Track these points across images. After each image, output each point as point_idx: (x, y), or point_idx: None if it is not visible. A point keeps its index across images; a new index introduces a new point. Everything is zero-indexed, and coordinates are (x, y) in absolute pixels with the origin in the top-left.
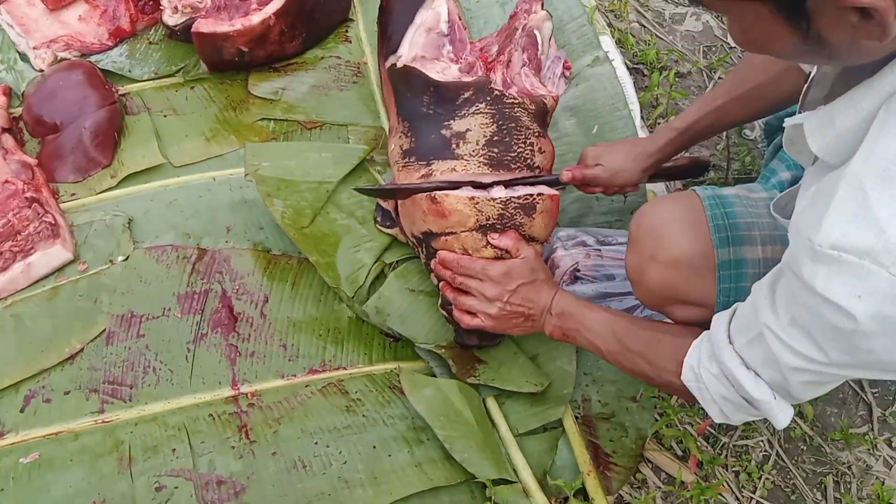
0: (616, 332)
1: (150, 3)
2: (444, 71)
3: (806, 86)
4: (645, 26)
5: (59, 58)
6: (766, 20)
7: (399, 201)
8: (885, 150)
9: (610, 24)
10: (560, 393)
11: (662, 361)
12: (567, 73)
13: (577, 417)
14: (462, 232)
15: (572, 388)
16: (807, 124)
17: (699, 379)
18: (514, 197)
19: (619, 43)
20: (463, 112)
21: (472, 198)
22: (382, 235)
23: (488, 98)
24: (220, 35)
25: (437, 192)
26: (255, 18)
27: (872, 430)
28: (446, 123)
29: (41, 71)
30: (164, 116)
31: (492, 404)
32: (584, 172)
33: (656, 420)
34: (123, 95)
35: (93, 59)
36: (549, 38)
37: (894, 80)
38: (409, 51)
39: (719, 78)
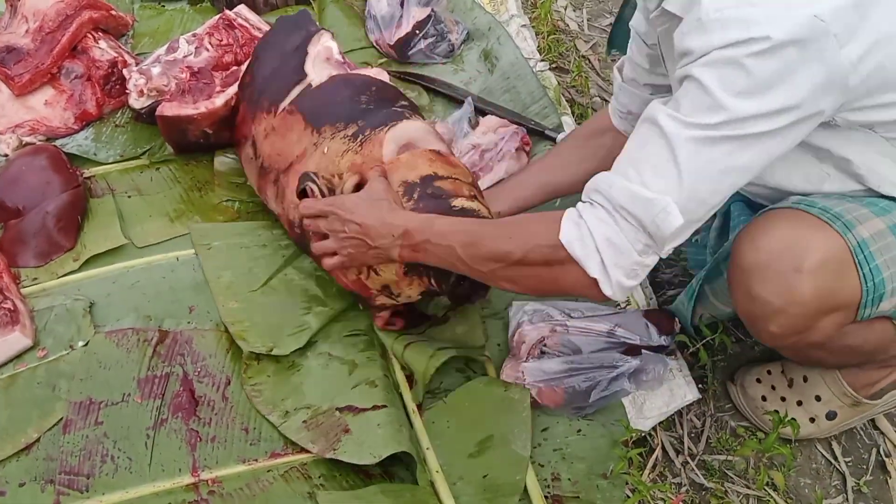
0: (468, 228)
1: (117, 86)
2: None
3: None
4: (607, 100)
5: (24, 142)
6: None
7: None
8: None
9: (572, 100)
10: (513, 479)
11: (529, 233)
12: (526, 148)
13: (546, 497)
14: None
15: (525, 474)
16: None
17: (581, 227)
18: None
19: (581, 118)
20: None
21: None
22: (337, 302)
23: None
24: (184, 118)
25: None
26: (219, 101)
27: (847, 500)
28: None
29: (6, 156)
30: (129, 197)
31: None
32: None
33: (628, 497)
34: (88, 178)
35: (58, 143)
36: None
37: None
38: (318, 74)
39: None
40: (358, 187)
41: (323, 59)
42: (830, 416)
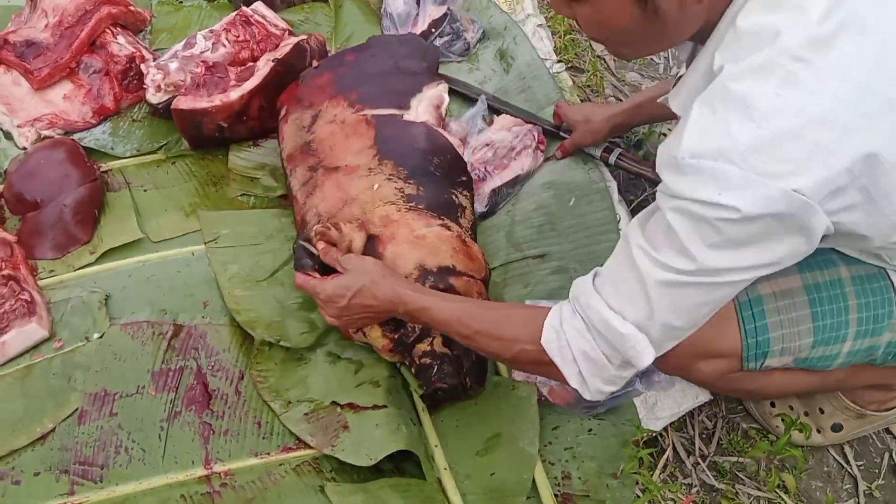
0: (461, 318)
1: (135, 81)
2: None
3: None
4: (621, 100)
5: (42, 136)
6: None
7: None
8: (722, 74)
9: (587, 100)
10: (520, 478)
11: (514, 332)
12: (541, 148)
13: (556, 496)
14: None
15: (532, 473)
16: (672, 94)
17: (560, 337)
18: None
19: None
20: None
21: None
22: None
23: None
24: (198, 111)
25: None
26: (234, 95)
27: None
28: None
29: (24, 149)
30: (145, 191)
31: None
32: (564, 146)
33: (638, 497)
34: (105, 172)
35: (76, 136)
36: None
37: (718, 39)
38: (417, 114)
39: None
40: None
41: (431, 105)
42: (836, 428)
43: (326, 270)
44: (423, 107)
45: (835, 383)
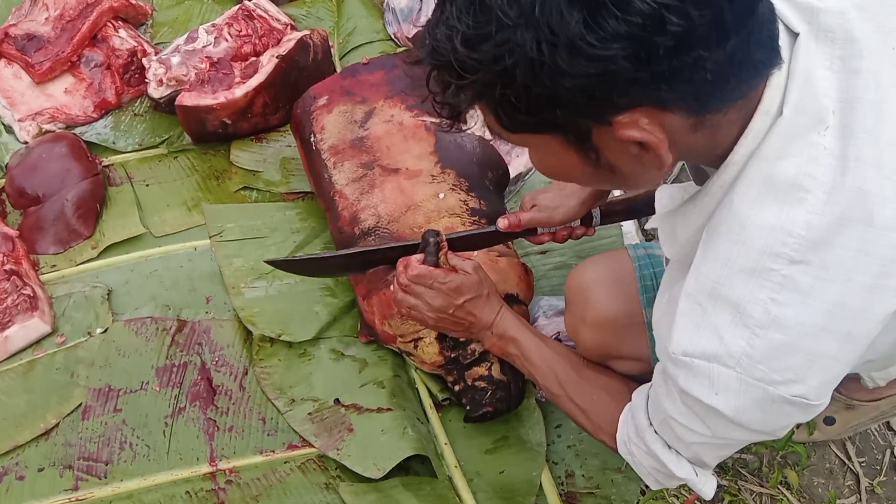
0: (558, 375)
1: (136, 75)
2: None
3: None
4: None
5: (43, 130)
6: (561, 152)
7: None
8: (710, 272)
9: None
10: (530, 476)
11: (599, 421)
12: None
13: (561, 494)
14: None
15: (541, 471)
16: (660, 230)
17: (631, 454)
18: None
19: None
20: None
21: None
22: (346, 294)
23: None
24: (203, 108)
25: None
26: (239, 92)
27: (860, 500)
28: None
29: (26, 143)
30: (147, 186)
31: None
32: (518, 217)
33: (643, 492)
34: (107, 167)
35: (77, 131)
36: None
37: (713, 198)
38: (476, 129)
39: None
40: None
41: (482, 121)
42: (829, 421)
43: None
44: (478, 123)
45: None
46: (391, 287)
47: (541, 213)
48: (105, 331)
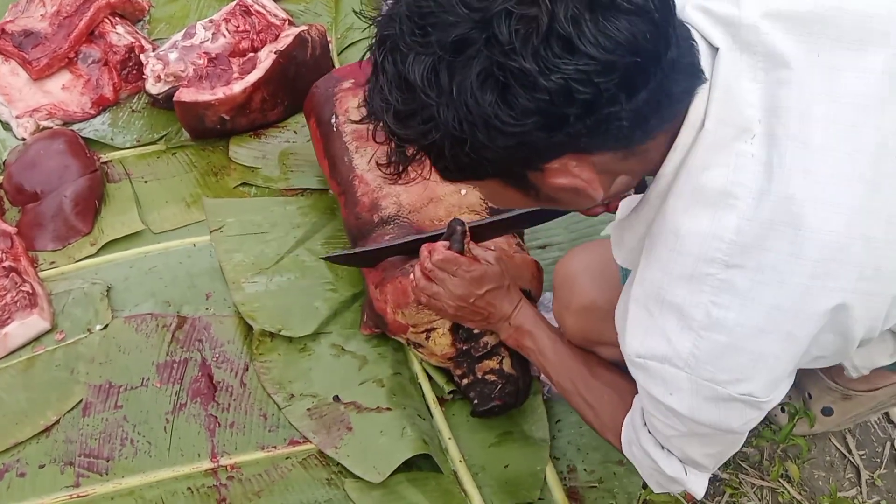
0: (571, 371)
1: (134, 71)
2: None
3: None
4: None
5: (41, 126)
6: (503, 191)
7: None
8: (653, 278)
9: None
10: (534, 470)
11: (606, 420)
12: None
13: (565, 488)
14: None
15: (546, 465)
16: (612, 238)
17: (633, 455)
18: None
19: None
20: None
21: None
22: (348, 289)
23: None
24: (201, 104)
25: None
26: (237, 87)
27: (861, 493)
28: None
29: (23, 140)
30: (145, 182)
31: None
32: None
33: (645, 484)
34: (105, 163)
35: (75, 127)
36: None
37: (652, 207)
38: None
39: None
40: None
41: None
42: (826, 412)
43: None
44: None
45: None
46: (410, 275)
47: None
48: (105, 327)
